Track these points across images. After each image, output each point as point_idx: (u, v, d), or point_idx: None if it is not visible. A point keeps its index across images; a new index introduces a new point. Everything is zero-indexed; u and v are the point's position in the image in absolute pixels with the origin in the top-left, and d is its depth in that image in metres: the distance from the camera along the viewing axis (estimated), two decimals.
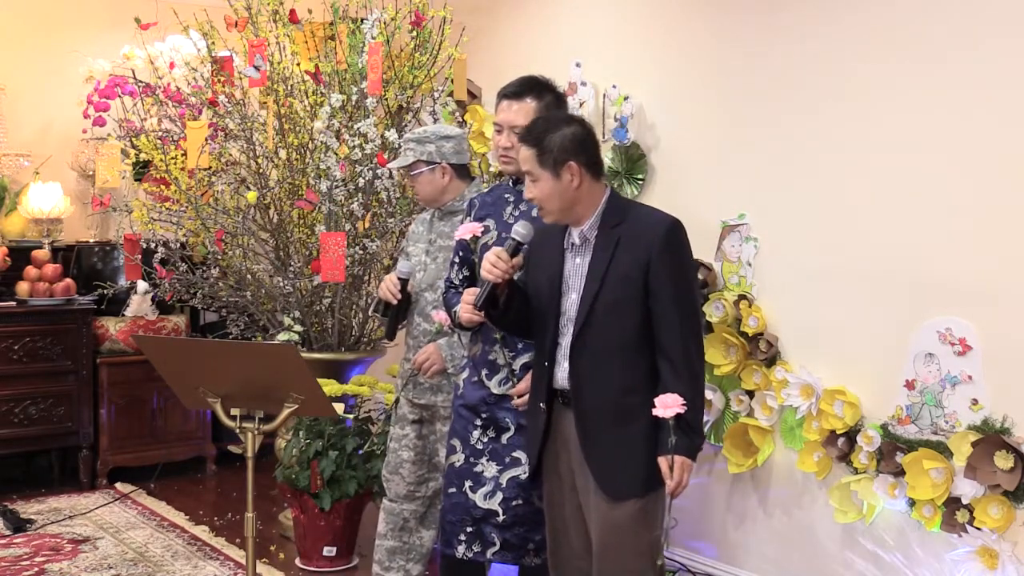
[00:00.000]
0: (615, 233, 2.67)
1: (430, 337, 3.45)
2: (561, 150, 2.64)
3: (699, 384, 2.68)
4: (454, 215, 3.49)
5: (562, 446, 2.77)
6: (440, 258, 3.46)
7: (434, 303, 3.43)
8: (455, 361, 3.39)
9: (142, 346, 3.07)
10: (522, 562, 3.07)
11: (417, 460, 3.58)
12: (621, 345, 2.65)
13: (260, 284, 4.73)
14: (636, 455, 2.64)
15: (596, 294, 2.65)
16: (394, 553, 3.65)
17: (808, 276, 3.73)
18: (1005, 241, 3.18)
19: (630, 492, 2.64)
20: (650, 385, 2.63)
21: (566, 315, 2.72)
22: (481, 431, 3.10)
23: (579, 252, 2.73)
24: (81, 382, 5.40)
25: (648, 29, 4.36)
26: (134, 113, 5.18)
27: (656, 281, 2.62)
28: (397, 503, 3.63)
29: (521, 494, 3.02)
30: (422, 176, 3.47)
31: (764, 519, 3.93)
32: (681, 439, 2.51)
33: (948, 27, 3.32)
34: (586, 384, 2.68)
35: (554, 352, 2.74)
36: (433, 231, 3.54)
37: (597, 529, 2.69)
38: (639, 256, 2.63)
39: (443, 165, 3.46)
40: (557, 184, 2.65)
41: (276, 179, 4.62)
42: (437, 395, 3.46)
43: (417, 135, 3.49)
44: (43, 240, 5.52)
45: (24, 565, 4.25)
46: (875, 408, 3.52)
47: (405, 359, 3.58)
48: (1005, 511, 3.14)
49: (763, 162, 3.88)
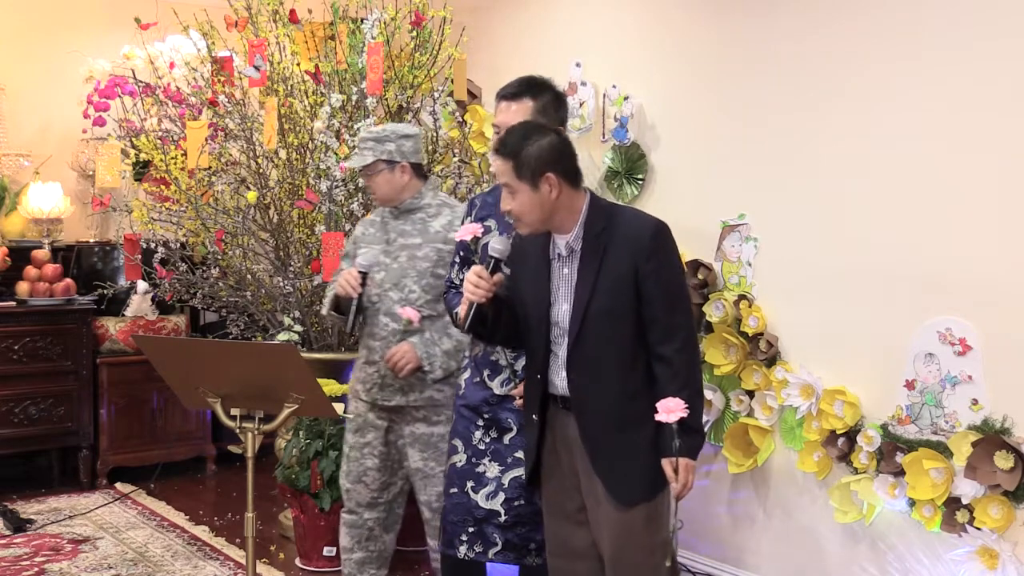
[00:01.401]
0: (601, 240, 2.65)
1: (399, 336, 3.38)
2: (539, 161, 2.60)
3: (697, 384, 2.67)
4: (412, 213, 3.45)
5: (563, 448, 2.76)
6: (402, 257, 3.40)
7: (400, 302, 3.37)
8: (431, 359, 3.34)
9: (142, 346, 3.07)
10: (523, 562, 3.07)
11: (381, 466, 3.50)
12: (618, 352, 2.65)
13: (260, 284, 4.73)
14: (642, 460, 2.64)
15: (588, 303, 2.64)
16: (363, 563, 3.58)
17: (808, 276, 3.73)
18: (1005, 241, 3.18)
19: (639, 497, 2.65)
20: (649, 388, 2.63)
21: (558, 326, 2.70)
22: (483, 431, 3.10)
23: (566, 262, 2.70)
24: (81, 382, 5.40)
25: (648, 29, 4.36)
26: (134, 113, 5.18)
27: (647, 286, 2.61)
28: (358, 514, 3.54)
29: (523, 494, 3.03)
30: (381, 175, 3.41)
31: (764, 519, 3.93)
32: (683, 439, 2.51)
33: (949, 28, 3.32)
34: (587, 393, 2.67)
35: (547, 363, 2.73)
36: (390, 231, 3.47)
37: (609, 535, 2.70)
38: (628, 262, 2.62)
39: (403, 164, 3.41)
40: (536, 196, 2.62)
41: (276, 179, 4.62)
42: (408, 395, 3.40)
43: (375, 134, 3.43)
44: (43, 240, 5.52)
45: (24, 565, 4.25)
46: (875, 408, 3.52)
47: (367, 363, 3.46)
48: (1005, 511, 3.14)
49: (763, 162, 3.88)
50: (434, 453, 3.41)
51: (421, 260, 3.39)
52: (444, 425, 3.39)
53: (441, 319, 3.37)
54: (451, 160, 4.67)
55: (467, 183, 4.68)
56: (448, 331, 3.37)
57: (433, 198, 3.48)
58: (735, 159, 3.98)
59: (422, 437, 3.42)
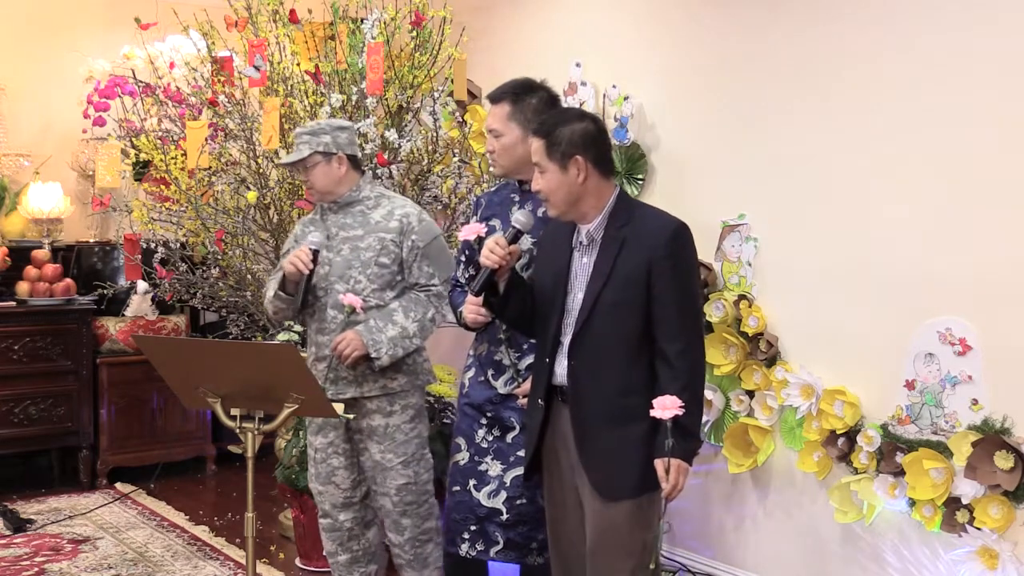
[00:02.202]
0: (621, 234, 2.68)
1: (343, 324, 3.34)
2: (570, 143, 2.66)
3: (698, 388, 2.68)
4: (351, 206, 3.43)
5: (560, 443, 2.77)
6: (345, 250, 3.39)
7: (344, 292, 3.34)
8: (377, 346, 3.28)
9: (142, 346, 3.07)
10: (525, 561, 3.08)
11: (348, 464, 3.48)
12: (621, 345, 2.66)
13: (260, 284, 4.73)
14: (632, 456, 2.64)
15: (599, 293, 2.66)
16: (351, 564, 3.56)
17: (808, 276, 3.72)
18: (1005, 241, 3.18)
19: (624, 492, 2.65)
20: (649, 387, 2.63)
21: (570, 313, 2.73)
22: (486, 430, 3.11)
23: (586, 251, 2.74)
24: (81, 382, 5.41)
25: (648, 29, 4.36)
26: (134, 113, 5.18)
27: (659, 284, 2.63)
28: (333, 517, 3.51)
29: (525, 493, 3.04)
30: (318, 168, 3.38)
31: (764, 519, 3.93)
32: (678, 442, 2.50)
33: (949, 27, 3.32)
34: (584, 383, 2.68)
35: (555, 349, 2.74)
36: (330, 226, 3.45)
37: (591, 528, 2.70)
38: (643, 258, 2.63)
39: (340, 155, 3.39)
40: (563, 177, 2.67)
41: (276, 179, 4.62)
42: (362, 386, 3.37)
43: (310, 128, 3.41)
44: (43, 240, 5.52)
45: (24, 565, 4.25)
46: (875, 408, 3.52)
47: (317, 359, 3.43)
48: (1005, 511, 3.14)
49: (763, 162, 3.88)
50: (391, 444, 3.38)
51: (364, 251, 3.38)
52: (399, 415, 3.38)
53: (387, 307, 3.35)
54: (451, 160, 4.67)
55: (467, 183, 4.68)
56: (392, 318, 3.32)
57: (371, 190, 3.49)
58: (735, 159, 3.98)
59: (378, 429, 3.39)
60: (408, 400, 3.40)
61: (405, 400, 3.39)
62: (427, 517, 3.44)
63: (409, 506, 3.40)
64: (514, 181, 3.22)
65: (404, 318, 3.33)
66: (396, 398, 3.39)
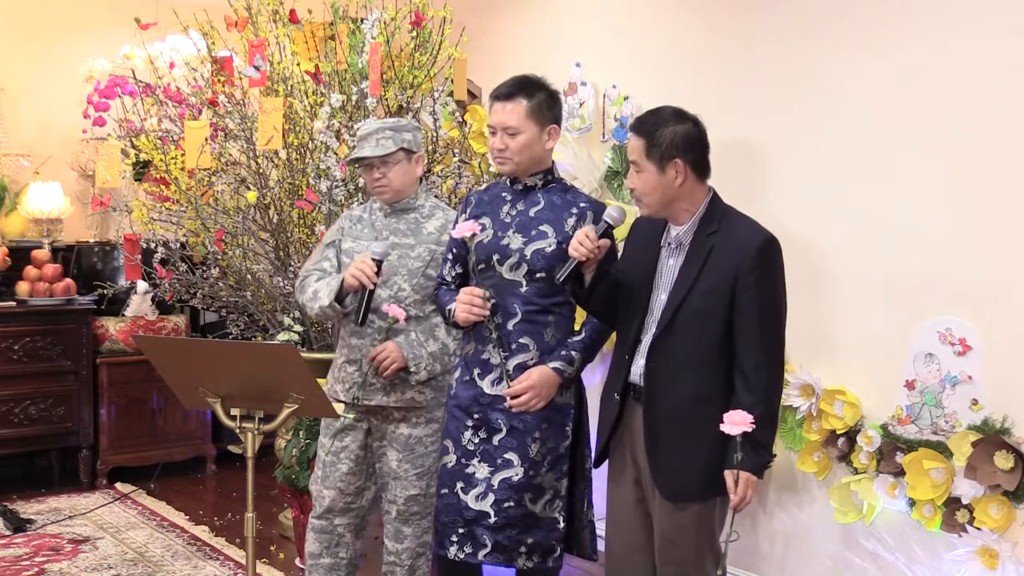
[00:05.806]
0: (709, 241, 2.67)
1: (383, 335, 3.26)
2: (671, 145, 2.65)
3: (773, 403, 2.66)
4: (406, 212, 3.35)
5: (629, 440, 2.79)
6: (392, 255, 3.28)
7: (388, 300, 3.26)
8: (417, 360, 3.24)
9: (142, 346, 3.06)
10: (514, 565, 3.05)
11: (356, 470, 3.40)
12: (700, 353, 2.65)
13: (260, 284, 4.73)
14: (699, 460, 2.65)
15: (683, 300, 2.65)
16: (332, 570, 3.48)
17: (808, 276, 3.72)
18: (1005, 241, 3.18)
19: (688, 495, 2.66)
20: (724, 396, 2.63)
21: (652, 313, 2.73)
22: (473, 432, 3.08)
23: (673, 253, 2.74)
24: (81, 382, 5.40)
25: (648, 29, 4.36)
26: (134, 113, 5.17)
27: (743, 297, 2.62)
28: (329, 519, 3.44)
29: (512, 496, 3.00)
30: (399, 166, 3.28)
31: (764, 519, 3.93)
32: (749, 455, 2.51)
33: (950, 27, 3.32)
34: (660, 385, 2.69)
35: (635, 347, 2.75)
36: (379, 229, 3.36)
37: (660, 528, 2.72)
38: (729, 269, 2.63)
39: (420, 154, 3.34)
40: (661, 178, 2.66)
41: (276, 179, 4.62)
42: (389, 395, 3.30)
43: (392, 124, 3.30)
44: (43, 240, 5.52)
45: (24, 565, 4.25)
46: (875, 408, 3.52)
47: (348, 362, 3.34)
48: (1005, 511, 3.14)
49: (763, 162, 3.88)
50: (410, 456, 3.34)
51: (414, 260, 3.31)
52: (423, 427, 3.34)
53: (428, 320, 3.31)
54: (451, 160, 4.67)
55: (467, 183, 4.68)
56: (435, 333, 3.29)
57: (427, 200, 3.42)
58: (734, 159, 3.97)
59: (400, 438, 3.34)
60: (433, 414, 3.35)
61: (431, 414, 3.34)
62: (428, 530, 3.40)
63: (413, 516, 3.38)
64: (505, 180, 3.18)
65: (446, 334, 3.29)
66: (422, 411, 3.34)
